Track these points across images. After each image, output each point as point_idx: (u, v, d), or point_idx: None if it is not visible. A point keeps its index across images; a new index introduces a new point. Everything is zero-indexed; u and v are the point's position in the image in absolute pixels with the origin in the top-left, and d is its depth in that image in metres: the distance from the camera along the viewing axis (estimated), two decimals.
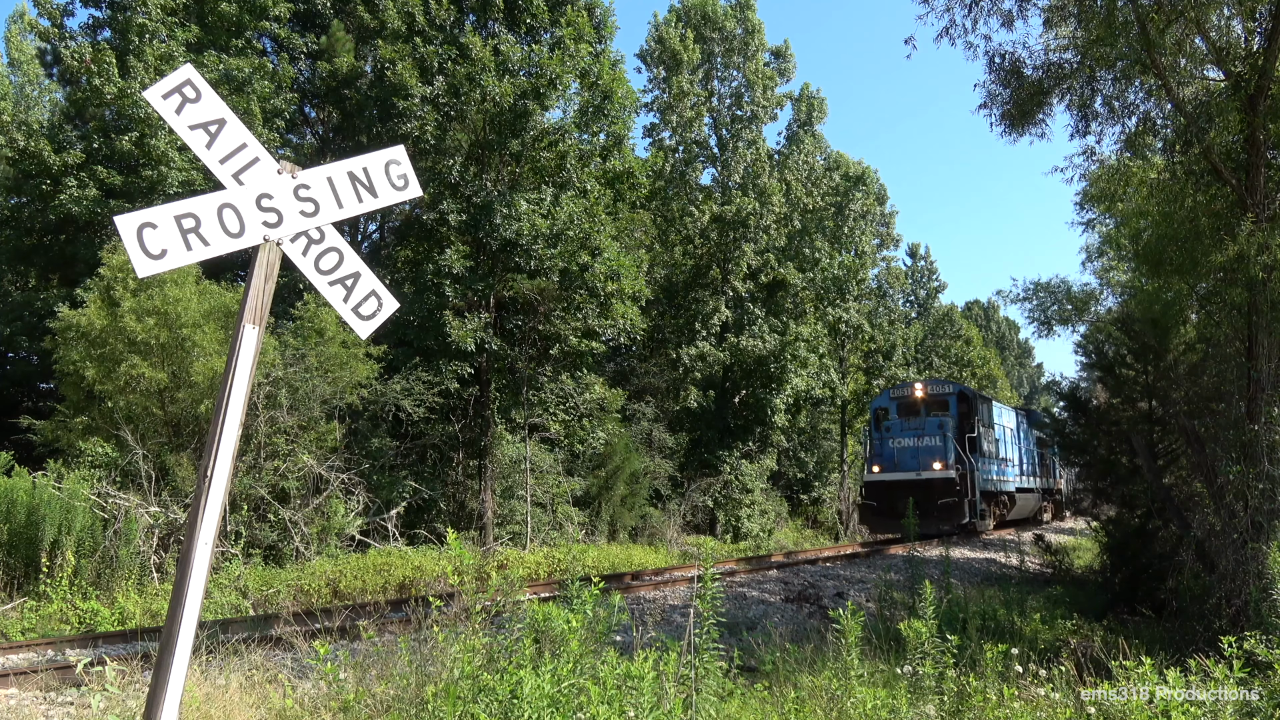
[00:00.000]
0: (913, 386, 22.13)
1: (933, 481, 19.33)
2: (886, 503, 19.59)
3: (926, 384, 22.42)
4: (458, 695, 3.93)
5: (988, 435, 21.60)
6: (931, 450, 20.04)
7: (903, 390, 22.56)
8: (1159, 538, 10.83)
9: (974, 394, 21.60)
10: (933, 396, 21.78)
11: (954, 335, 54.17)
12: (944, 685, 5.14)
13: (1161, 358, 11.81)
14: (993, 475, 21.62)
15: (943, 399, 21.68)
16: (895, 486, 19.75)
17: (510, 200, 18.20)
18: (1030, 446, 27.69)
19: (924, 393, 21.79)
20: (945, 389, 22.11)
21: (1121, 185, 11.62)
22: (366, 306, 3.52)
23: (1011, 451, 24.69)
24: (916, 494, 18.24)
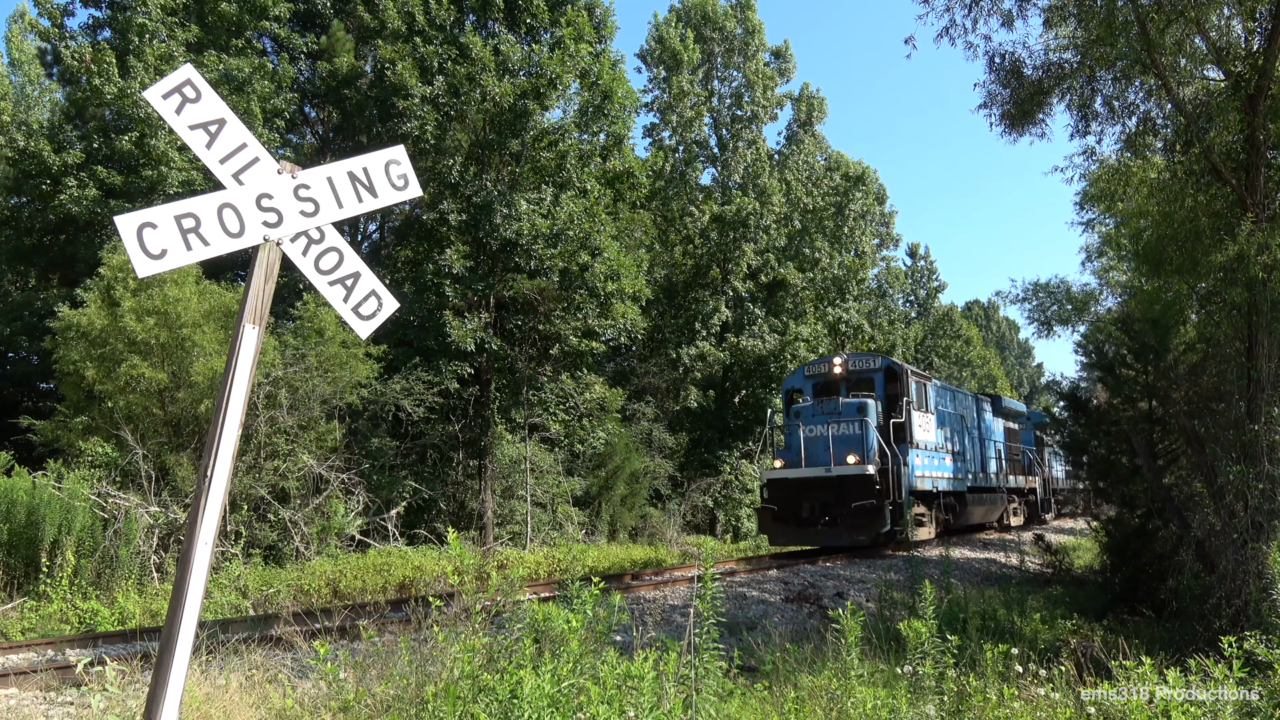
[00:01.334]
0: (830, 361, 18.08)
1: (846, 479, 15.36)
2: (790, 506, 15.97)
3: (847, 358, 18.05)
4: (458, 695, 3.93)
5: (925, 422, 17.74)
6: (847, 440, 16.03)
7: (819, 366, 18.44)
8: (1159, 538, 10.83)
9: (904, 369, 17.40)
10: (854, 373, 17.80)
11: (954, 335, 54.17)
12: (944, 685, 5.15)
13: (1161, 358, 11.80)
14: (931, 471, 17.58)
15: (866, 376, 17.69)
16: (801, 486, 15.97)
17: (510, 200, 18.20)
18: (998, 439, 24.06)
19: (843, 369, 17.73)
20: (869, 364, 17.78)
21: (1121, 185, 11.63)
22: (366, 306, 3.52)
23: (966, 443, 20.59)
24: (828, 495, 15.49)
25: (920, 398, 17.82)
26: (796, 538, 16.25)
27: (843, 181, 33.23)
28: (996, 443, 23.74)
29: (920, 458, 17.17)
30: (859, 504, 15.13)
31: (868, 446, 15.88)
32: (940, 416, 18.89)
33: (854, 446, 15.90)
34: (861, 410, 16.21)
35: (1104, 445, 13.39)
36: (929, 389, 18.53)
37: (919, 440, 17.23)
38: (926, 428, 17.89)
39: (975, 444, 21.66)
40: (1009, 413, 26.09)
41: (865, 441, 15.92)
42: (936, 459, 18.15)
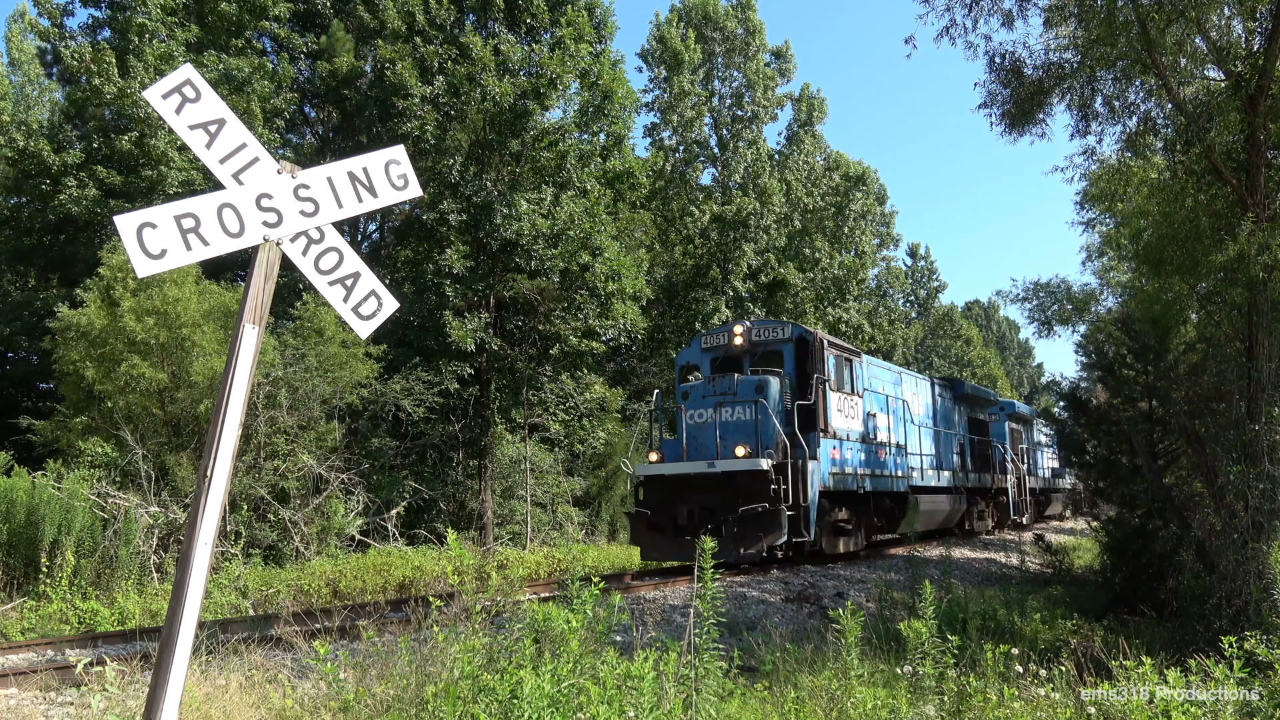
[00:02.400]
0: (730, 330, 14.72)
1: (735, 477, 12.32)
2: (667, 511, 12.83)
3: (750, 326, 14.63)
4: (458, 695, 3.93)
5: (849, 406, 14.42)
6: (739, 428, 12.96)
7: (717, 337, 15.06)
8: (1159, 538, 10.82)
9: (820, 340, 13.83)
10: (759, 345, 14.40)
11: (954, 335, 54.18)
12: (944, 685, 5.14)
13: (1161, 358, 11.80)
14: (856, 467, 14.33)
15: (773, 349, 14.28)
16: (679, 486, 12.81)
17: (510, 200, 18.20)
18: (960, 431, 20.75)
19: (744, 340, 14.35)
20: (777, 333, 14.33)
21: (1122, 185, 11.64)
22: (366, 306, 3.52)
23: (910, 435, 17.13)
24: (712, 497, 12.47)
25: (842, 376, 14.36)
26: (673, 551, 12.86)
27: (843, 181, 33.25)
28: (958, 435, 20.57)
29: (840, 450, 13.85)
30: (747, 509, 11.90)
31: (765, 435, 12.70)
32: (874, 401, 15.67)
33: (746, 435, 12.75)
34: (760, 389, 12.94)
35: (1104, 445, 13.39)
36: (857, 366, 15.05)
37: (839, 429, 13.90)
38: (851, 413, 14.49)
39: (927, 436, 18.28)
40: (975, 401, 22.70)
41: (761, 429, 12.73)
42: (865, 452, 14.76)
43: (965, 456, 20.82)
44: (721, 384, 13.54)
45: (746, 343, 14.48)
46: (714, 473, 12.55)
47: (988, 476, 22.06)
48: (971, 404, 22.38)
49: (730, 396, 13.25)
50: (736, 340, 14.51)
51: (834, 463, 13.63)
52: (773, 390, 13.19)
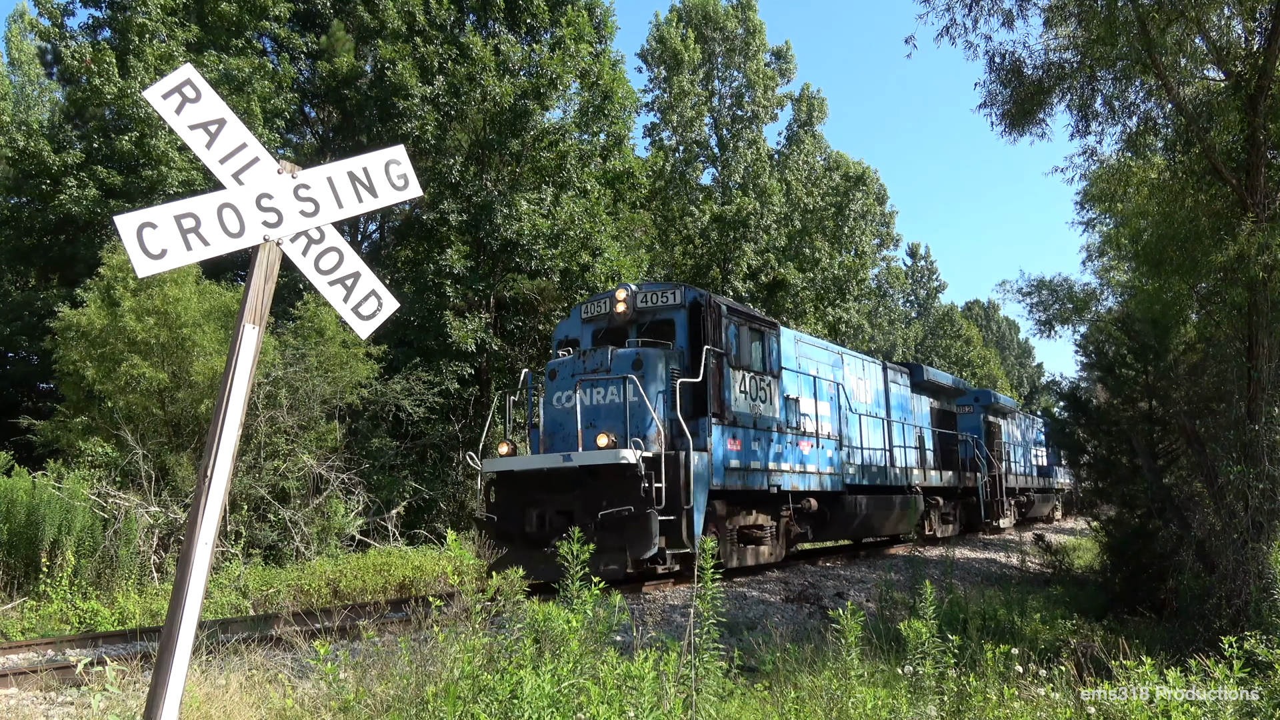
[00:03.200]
0: (613, 297, 12.08)
1: (597, 473, 10.10)
2: (518, 513, 10.67)
3: (636, 291, 11.97)
4: (458, 695, 3.93)
5: (760, 387, 12.08)
6: (607, 412, 10.65)
7: (598, 304, 12.33)
8: (1159, 538, 10.82)
9: (717, 306, 11.42)
10: (645, 313, 11.76)
11: (954, 335, 54.19)
12: (944, 685, 5.15)
13: (1161, 358, 11.81)
14: (768, 463, 11.96)
15: (663, 317, 11.66)
16: (533, 484, 10.68)
17: (510, 200, 18.21)
18: (919, 423, 18.35)
19: (628, 307, 11.76)
20: (667, 298, 11.69)
21: (1122, 185, 11.64)
22: (366, 306, 3.52)
23: (850, 425, 14.88)
24: (571, 498, 10.29)
25: (749, 350, 11.95)
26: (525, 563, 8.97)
27: (843, 181, 33.25)
28: (917, 428, 18.07)
29: (744, 440, 11.50)
30: (608, 513, 9.66)
31: (639, 421, 10.38)
32: (800, 383, 13.39)
33: (613, 421, 10.45)
34: (637, 365, 10.60)
35: (1104, 445, 13.39)
36: (772, 341, 12.60)
37: (743, 414, 11.58)
38: (763, 396, 12.10)
39: (873, 427, 15.97)
40: (940, 390, 20.05)
41: (634, 414, 10.40)
42: (783, 444, 12.46)
43: (925, 452, 18.42)
44: (592, 359, 11.05)
45: (631, 310, 11.78)
46: (569, 468, 10.17)
47: (953, 475, 19.46)
48: (936, 393, 19.91)
49: (602, 375, 10.76)
50: (619, 308, 11.81)
51: (733, 455, 11.20)
52: (653, 366, 10.73)
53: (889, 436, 16.68)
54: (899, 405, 17.56)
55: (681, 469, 10.23)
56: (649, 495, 9.87)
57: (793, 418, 12.98)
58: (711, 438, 10.85)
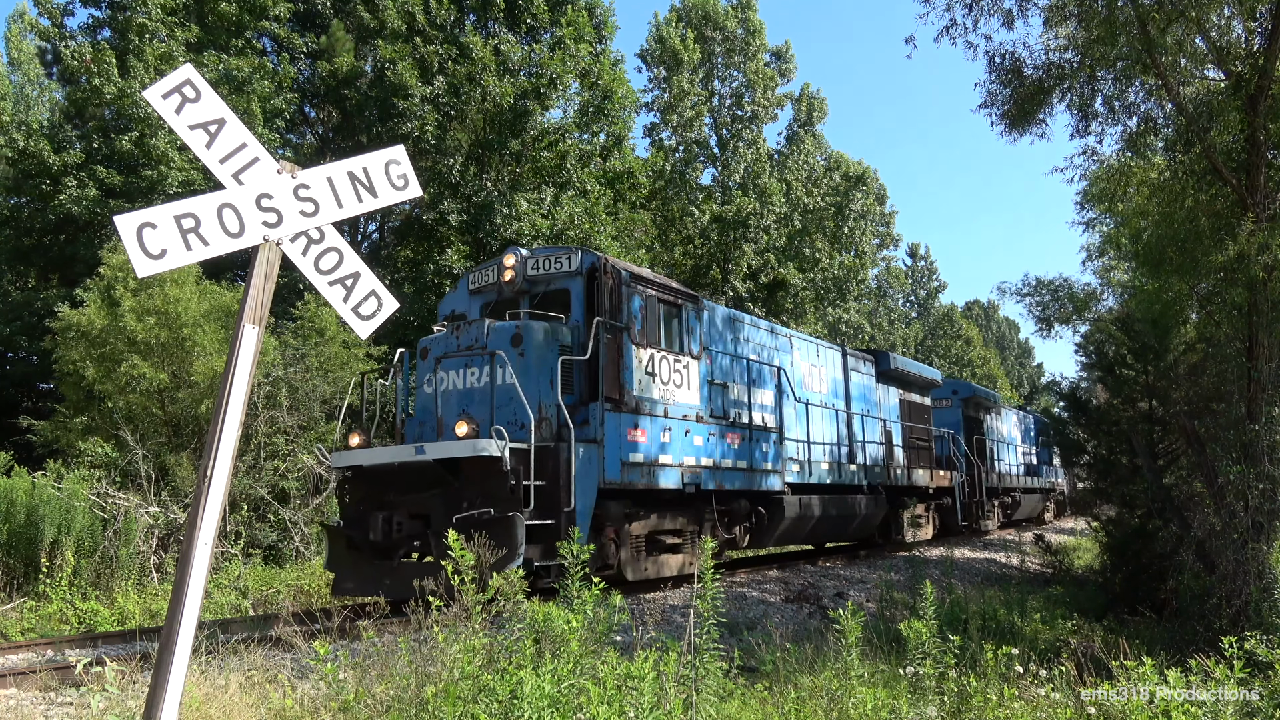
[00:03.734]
0: (500, 264, 10.49)
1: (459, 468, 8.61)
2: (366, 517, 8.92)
3: (526, 257, 10.38)
4: (458, 695, 3.93)
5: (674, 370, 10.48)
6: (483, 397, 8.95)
7: (487, 273, 10.76)
8: (1159, 538, 10.83)
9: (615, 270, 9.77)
10: (538, 282, 10.22)
11: (954, 335, 54.19)
12: (945, 685, 5.15)
13: (1161, 358, 11.82)
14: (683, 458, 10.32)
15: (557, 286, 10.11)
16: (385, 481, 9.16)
17: (510, 200, 18.22)
18: (887, 416, 16.76)
19: (516, 274, 10.23)
20: (561, 264, 10.04)
21: (1122, 185, 11.64)
22: (366, 306, 3.52)
23: (794, 416, 13.20)
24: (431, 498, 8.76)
25: (655, 325, 10.31)
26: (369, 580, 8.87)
27: (843, 181, 33.27)
28: (881, 421, 16.40)
29: (650, 430, 9.84)
30: (464, 516, 8.02)
31: (516, 407, 8.64)
32: (730, 367, 11.81)
33: (479, 406, 8.84)
34: (516, 340, 9.10)
35: (1104, 445, 13.40)
36: (692, 317, 10.92)
37: (650, 400, 9.93)
38: (678, 380, 10.50)
39: (824, 419, 14.18)
40: (910, 380, 18.20)
41: (505, 398, 8.71)
42: (705, 435, 10.75)
43: (894, 448, 16.79)
44: (466, 334, 9.43)
45: (520, 278, 10.20)
46: (422, 462, 8.57)
47: (924, 473, 17.68)
48: (906, 384, 18.15)
49: (477, 352, 9.15)
50: (506, 275, 10.22)
51: (635, 448, 9.55)
52: (534, 341, 9.15)
53: (848, 431, 14.97)
54: (862, 396, 15.87)
55: (562, 463, 8.64)
56: (516, 494, 8.27)
57: (718, 406, 11.25)
58: (604, 426, 9.12)
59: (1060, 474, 30.82)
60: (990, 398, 24.36)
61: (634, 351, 9.87)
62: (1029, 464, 27.24)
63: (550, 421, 8.97)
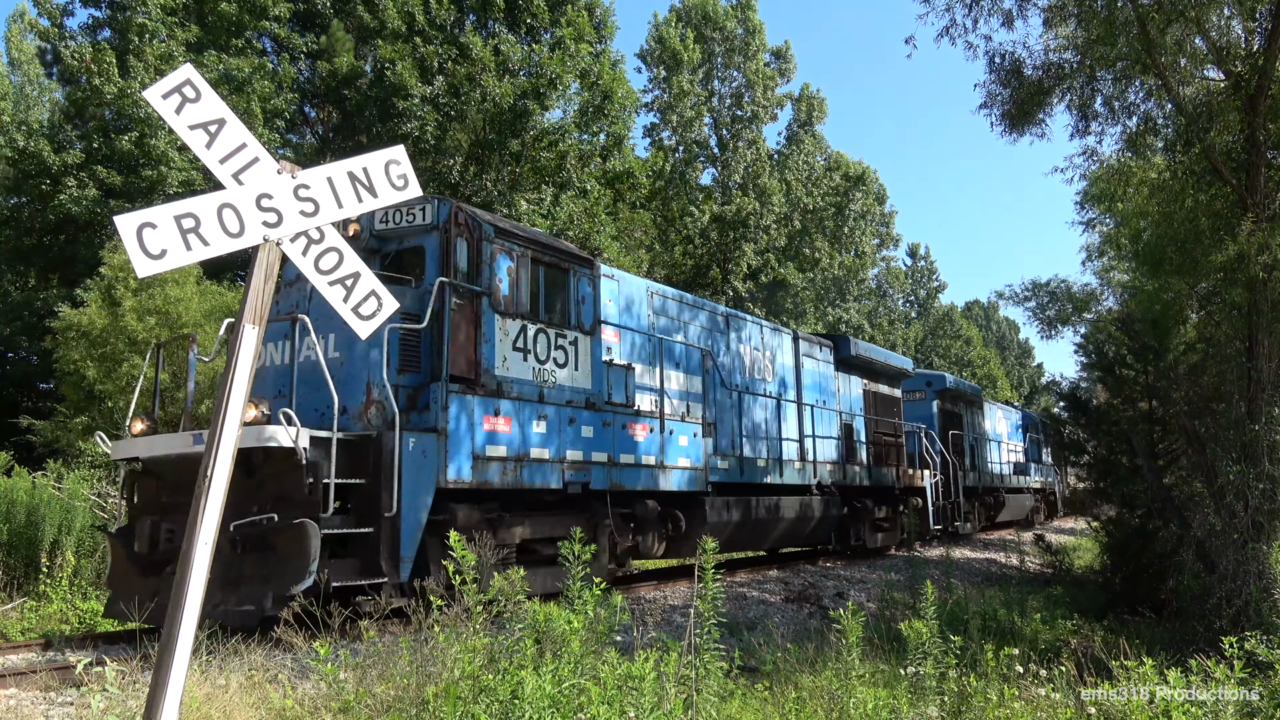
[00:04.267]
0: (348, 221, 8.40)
1: (251, 461, 7.06)
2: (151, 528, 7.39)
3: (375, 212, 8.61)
4: (458, 696, 3.93)
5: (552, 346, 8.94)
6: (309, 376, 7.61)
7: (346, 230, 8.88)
8: (1159, 538, 10.83)
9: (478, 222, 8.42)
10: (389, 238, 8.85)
11: (954, 335, 54.17)
12: (945, 685, 5.15)
13: (1161, 358, 11.81)
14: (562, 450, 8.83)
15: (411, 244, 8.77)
16: (172, 478, 7.68)
17: (510, 200, 18.22)
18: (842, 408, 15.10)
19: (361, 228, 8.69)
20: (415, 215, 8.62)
21: (1121, 185, 11.64)
22: (366, 306, 3.52)
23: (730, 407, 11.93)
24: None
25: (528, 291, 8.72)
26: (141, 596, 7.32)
27: (843, 181, 33.29)
28: (841, 413, 14.99)
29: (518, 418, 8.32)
30: (243, 524, 6.78)
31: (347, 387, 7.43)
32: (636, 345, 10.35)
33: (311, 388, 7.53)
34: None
35: (1104, 445, 13.39)
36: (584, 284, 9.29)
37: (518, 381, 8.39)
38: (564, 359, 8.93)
39: (764, 409, 12.71)
40: (875, 369, 16.65)
41: (311, 374, 7.45)
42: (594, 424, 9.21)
43: (856, 444, 15.31)
44: (288, 298, 8.13)
45: (367, 234, 8.67)
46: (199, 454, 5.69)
47: (890, 472, 16.12)
48: (872, 373, 16.58)
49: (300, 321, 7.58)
50: (350, 230, 8.44)
51: (497, 439, 8.05)
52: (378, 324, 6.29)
53: (798, 424, 13.51)
54: (816, 385, 14.36)
55: (385, 456, 7.19)
56: (314, 496, 6.76)
57: (619, 391, 9.57)
58: (449, 412, 7.63)
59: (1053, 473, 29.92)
60: (970, 390, 22.70)
61: (498, 322, 8.26)
62: (1017, 462, 25.90)
63: (383, 405, 7.43)
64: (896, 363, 17.71)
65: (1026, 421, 28.48)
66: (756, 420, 12.61)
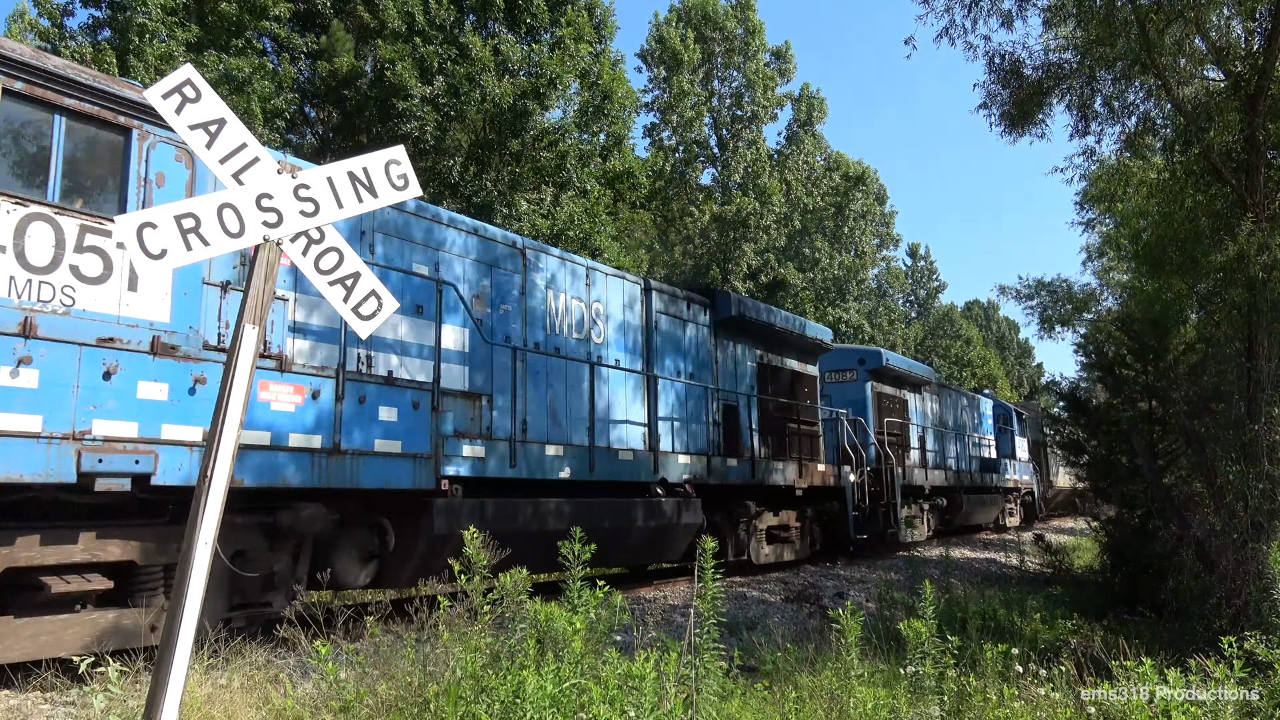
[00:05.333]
0: None
1: None
2: None
3: None
4: (460, 695, 3.93)
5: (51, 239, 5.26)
6: None
7: None
8: (1159, 538, 10.83)
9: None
10: None
11: (954, 335, 54.17)
12: (944, 685, 5.15)
13: (1161, 358, 11.82)
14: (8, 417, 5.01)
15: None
16: None
17: (510, 200, 18.23)
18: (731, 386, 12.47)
19: None
20: None
21: (1121, 185, 11.66)
22: (366, 306, 3.52)
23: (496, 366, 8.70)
24: None
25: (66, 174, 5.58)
26: None
27: (843, 181, 33.30)
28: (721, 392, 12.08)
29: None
30: None
31: None
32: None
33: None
34: None
35: (1104, 445, 13.40)
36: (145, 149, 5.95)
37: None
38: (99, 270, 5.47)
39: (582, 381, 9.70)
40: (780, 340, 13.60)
41: None
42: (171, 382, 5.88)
43: (739, 431, 12.23)
44: None
45: None
46: None
47: (788, 468, 12.80)
48: (771, 343, 13.41)
49: None
50: None
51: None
52: None
53: (645, 400, 10.63)
54: (679, 353, 11.48)
55: None
56: None
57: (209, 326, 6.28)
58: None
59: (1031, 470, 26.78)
60: (920, 372, 18.90)
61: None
62: (984, 458, 22.55)
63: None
64: (811, 332, 14.09)
65: (999, 412, 25.20)
66: (563, 394, 9.39)
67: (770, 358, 13.53)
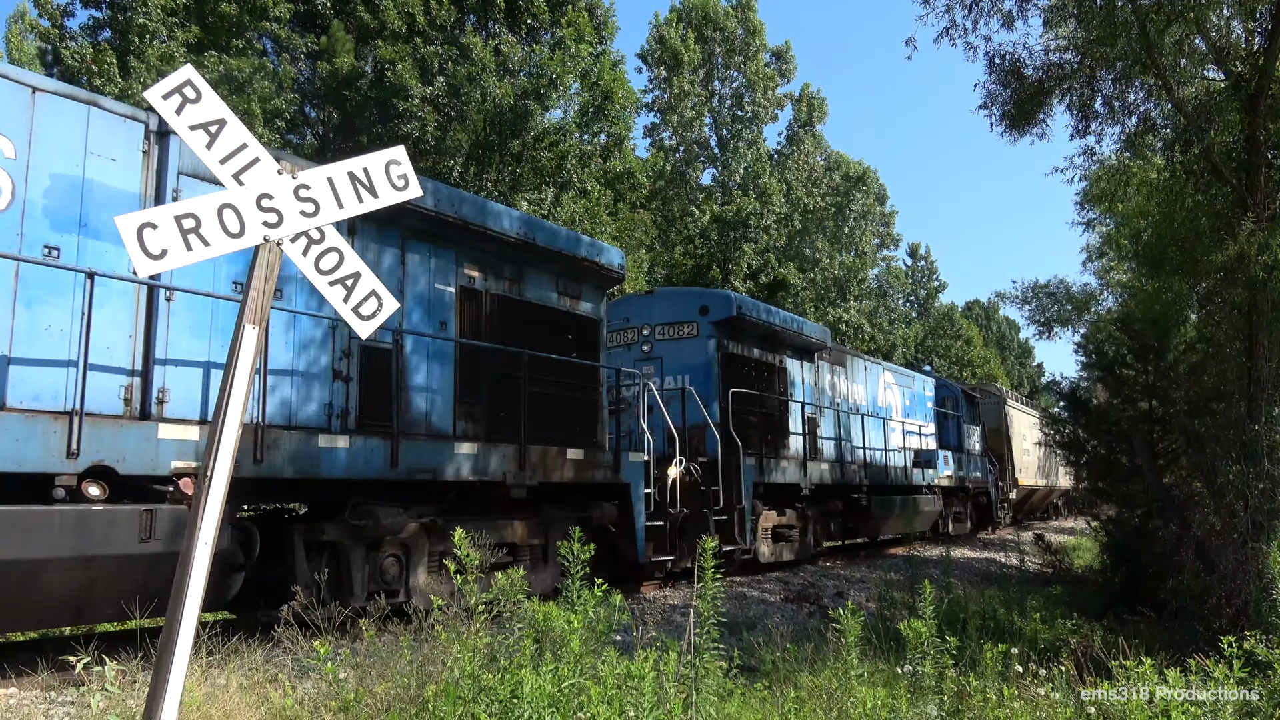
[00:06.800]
0: None
1: None
2: None
3: None
4: (458, 695, 3.93)
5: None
6: None
7: None
8: (1159, 538, 10.82)
9: None
10: None
11: (954, 335, 54.17)
12: (944, 685, 5.15)
13: (1161, 358, 11.81)
14: None
15: None
16: None
17: (511, 200, 18.22)
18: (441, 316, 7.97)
19: None
20: None
21: (1121, 185, 11.65)
22: (366, 306, 3.52)
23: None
24: None
25: None
26: None
27: (843, 182, 33.31)
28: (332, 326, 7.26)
29: None
30: None
31: None
32: None
33: None
34: None
35: (1104, 445, 13.39)
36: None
37: None
38: None
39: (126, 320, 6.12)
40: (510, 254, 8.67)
41: None
42: None
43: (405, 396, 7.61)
44: None
45: None
46: None
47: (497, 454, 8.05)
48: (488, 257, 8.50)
49: None
50: None
51: None
52: None
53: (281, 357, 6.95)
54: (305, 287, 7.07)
55: None
56: None
57: None
58: None
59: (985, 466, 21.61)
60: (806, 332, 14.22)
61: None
62: (917, 450, 18.10)
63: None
64: (569, 248, 9.25)
65: (943, 394, 20.44)
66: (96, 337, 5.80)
67: (485, 280, 8.50)
